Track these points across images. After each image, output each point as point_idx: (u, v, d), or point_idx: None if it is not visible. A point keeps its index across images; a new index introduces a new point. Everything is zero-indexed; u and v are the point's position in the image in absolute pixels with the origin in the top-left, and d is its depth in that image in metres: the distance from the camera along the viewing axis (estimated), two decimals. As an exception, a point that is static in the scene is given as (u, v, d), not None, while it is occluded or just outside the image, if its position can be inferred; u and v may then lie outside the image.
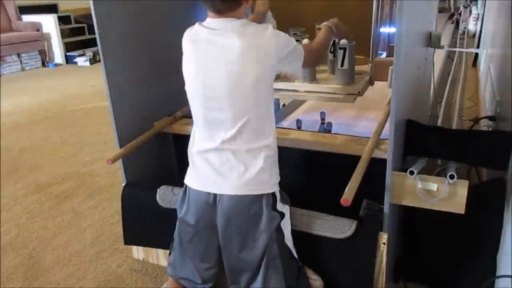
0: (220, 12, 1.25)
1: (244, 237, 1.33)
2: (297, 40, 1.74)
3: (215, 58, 1.24)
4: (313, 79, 1.71)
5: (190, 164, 1.40)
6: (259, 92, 1.26)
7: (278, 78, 1.75)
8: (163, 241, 1.71)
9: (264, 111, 1.30)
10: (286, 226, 1.38)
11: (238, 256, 1.36)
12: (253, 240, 1.33)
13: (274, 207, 1.33)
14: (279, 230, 1.34)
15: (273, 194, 1.34)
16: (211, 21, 1.27)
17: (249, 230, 1.32)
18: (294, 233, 1.42)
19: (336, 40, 1.65)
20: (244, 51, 1.21)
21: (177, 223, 1.48)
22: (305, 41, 1.65)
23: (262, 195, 1.31)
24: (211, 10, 1.26)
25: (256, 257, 1.34)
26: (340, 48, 1.60)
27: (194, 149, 1.38)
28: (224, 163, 1.31)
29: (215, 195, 1.32)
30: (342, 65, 1.62)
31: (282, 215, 1.36)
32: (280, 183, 1.39)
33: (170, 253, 1.59)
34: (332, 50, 1.70)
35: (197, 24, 1.31)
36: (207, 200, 1.34)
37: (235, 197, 1.30)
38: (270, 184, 1.33)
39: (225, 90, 1.24)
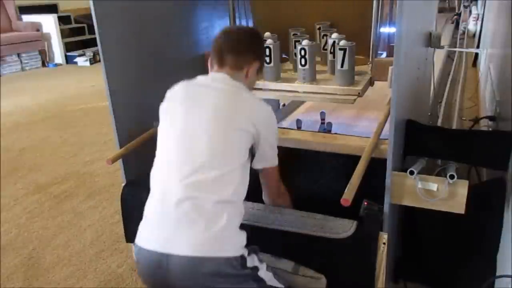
0: (223, 65, 1.25)
1: None
2: (297, 41, 1.75)
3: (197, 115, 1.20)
4: (313, 80, 1.71)
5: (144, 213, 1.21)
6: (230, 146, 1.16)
7: (279, 79, 1.75)
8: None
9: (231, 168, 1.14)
10: (263, 272, 1.20)
11: None
12: None
13: (244, 266, 1.12)
14: (258, 281, 1.17)
15: (241, 255, 1.12)
16: (205, 77, 1.28)
17: None
18: (294, 234, 1.42)
19: (336, 41, 1.65)
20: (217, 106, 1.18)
21: None
22: (305, 42, 1.65)
23: (227, 258, 1.09)
24: (215, 61, 1.27)
25: None
26: (340, 49, 1.60)
27: (149, 194, 1.21)
28: (180, 215, 1.09)
29: (165, 255, 1.07)
30: (342, 66, 1.62)
31: (255, 269, 1.16)
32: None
33: None
34: (332, 50, 1.70)
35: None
36: (155, 261, 1.09)
37: (189, 259, 1.06)
38: (237, 247, 1.12)
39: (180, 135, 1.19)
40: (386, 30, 1.93)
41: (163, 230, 1.10)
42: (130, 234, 1.87)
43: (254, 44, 1.32)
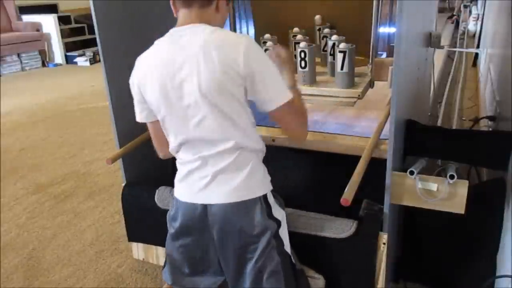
0: (190, 5, 1.15)
1: (241, 248, 1.25)
2: (296, 43, 1.74)
3: (184, 67, 1.15)
4: (312, 82, 1.71)
5: (177, 175, 1.29)
6: (230, 106, 1.14)
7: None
8: (164, 239, 1.71)
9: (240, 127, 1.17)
10: (284, 232, 1.30)
11: (237, 265, 1.28)
12: (250, 249, 1.25)
13: (269, 215, 1.24)
14: (277, 238, 1.27)
15: (266, 200, 1.24)
16: (176, 29, 1.21)
17: (245, 240, 1.23)
18: (294, 234, 1.42)
19: (336, 43, 1.65)
20: (208, 61, 1.10)
21: (167, 240, 1.38)
22: (303, 44, 1.64)
23: (255, 200, 1.21)
24: (179, 3, 1.17)
25: (255, 266, 1.26)
26: (340, 52, 1.60)
27: (178, 159, 1.29)
28: (211, 170, 1.21)
29: (204, 206, 1.22)
30: (342, 68, 1.61)
31: (278, 222, 1.27)
32: (280, 183, 1.39)
33: (165, 261, 1.52)
34: (332, 52, 1.70)
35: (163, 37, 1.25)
36: (196, 212, 1.24)
37: (226, 206, 1.20)
38: (262, 185, 1.25)
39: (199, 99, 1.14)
40: (386, 30, 1.93)
41: (198, 185, 1.22)
42: (132, 233, 1.87)
43: None
